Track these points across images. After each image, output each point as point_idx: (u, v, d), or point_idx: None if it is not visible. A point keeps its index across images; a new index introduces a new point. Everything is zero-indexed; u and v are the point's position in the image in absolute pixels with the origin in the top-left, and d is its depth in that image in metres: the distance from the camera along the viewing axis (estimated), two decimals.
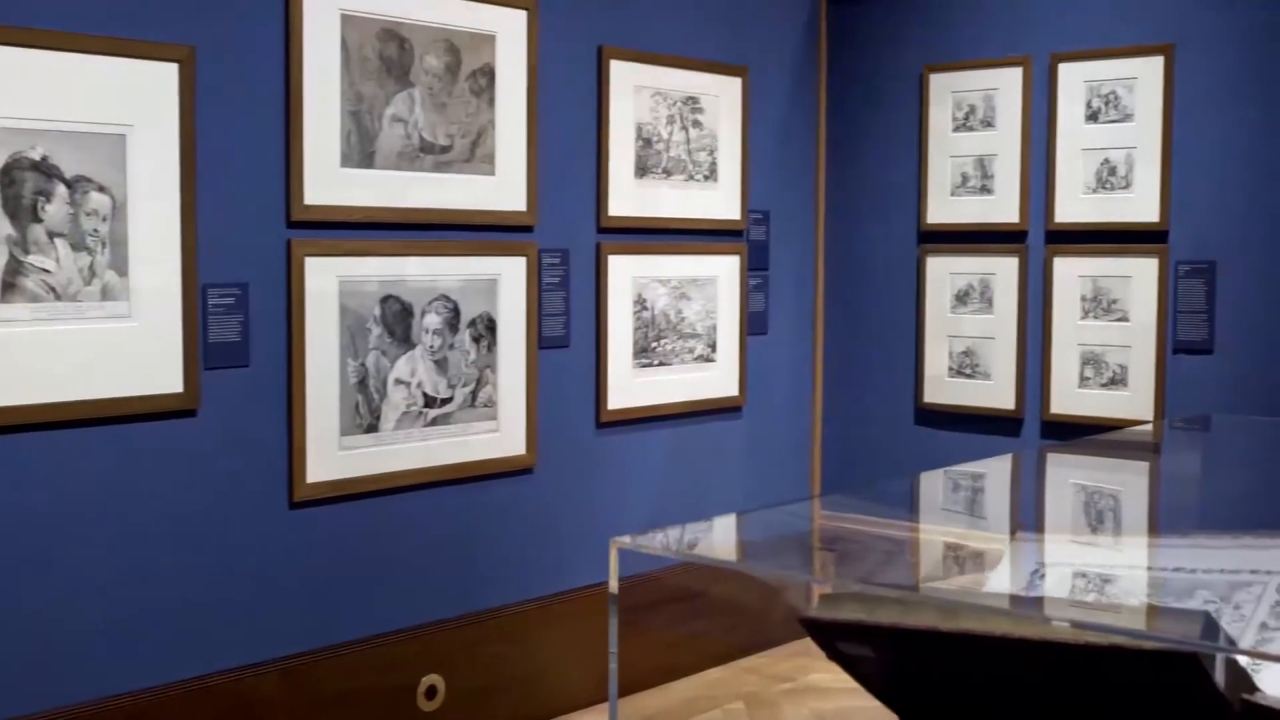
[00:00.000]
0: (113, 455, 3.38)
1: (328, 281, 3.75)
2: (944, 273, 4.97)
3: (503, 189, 4.15)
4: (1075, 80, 4.61)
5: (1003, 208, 4.80)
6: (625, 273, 4.54)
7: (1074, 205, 4.63)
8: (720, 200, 4.84)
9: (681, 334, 4.74)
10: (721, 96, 4.81)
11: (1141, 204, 4.49)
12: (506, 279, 4.18)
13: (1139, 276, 4.50)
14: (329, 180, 3.74)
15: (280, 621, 3.72)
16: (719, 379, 4.90)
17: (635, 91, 4.53)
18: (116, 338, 3.35)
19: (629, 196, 4.54)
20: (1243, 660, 1.50)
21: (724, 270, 4.87)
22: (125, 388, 3.37)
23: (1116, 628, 1.42)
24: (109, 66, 3.31)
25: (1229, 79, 4.32)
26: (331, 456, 3.78)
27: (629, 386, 4.58)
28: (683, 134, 4.69)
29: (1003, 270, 4.81)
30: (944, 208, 4.95)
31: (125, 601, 3.41)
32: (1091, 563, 2.00)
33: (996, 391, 4.84)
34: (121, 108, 3.33)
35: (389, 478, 3.92)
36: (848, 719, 4.34)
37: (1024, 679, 1.57)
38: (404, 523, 3.98)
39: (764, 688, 4.68)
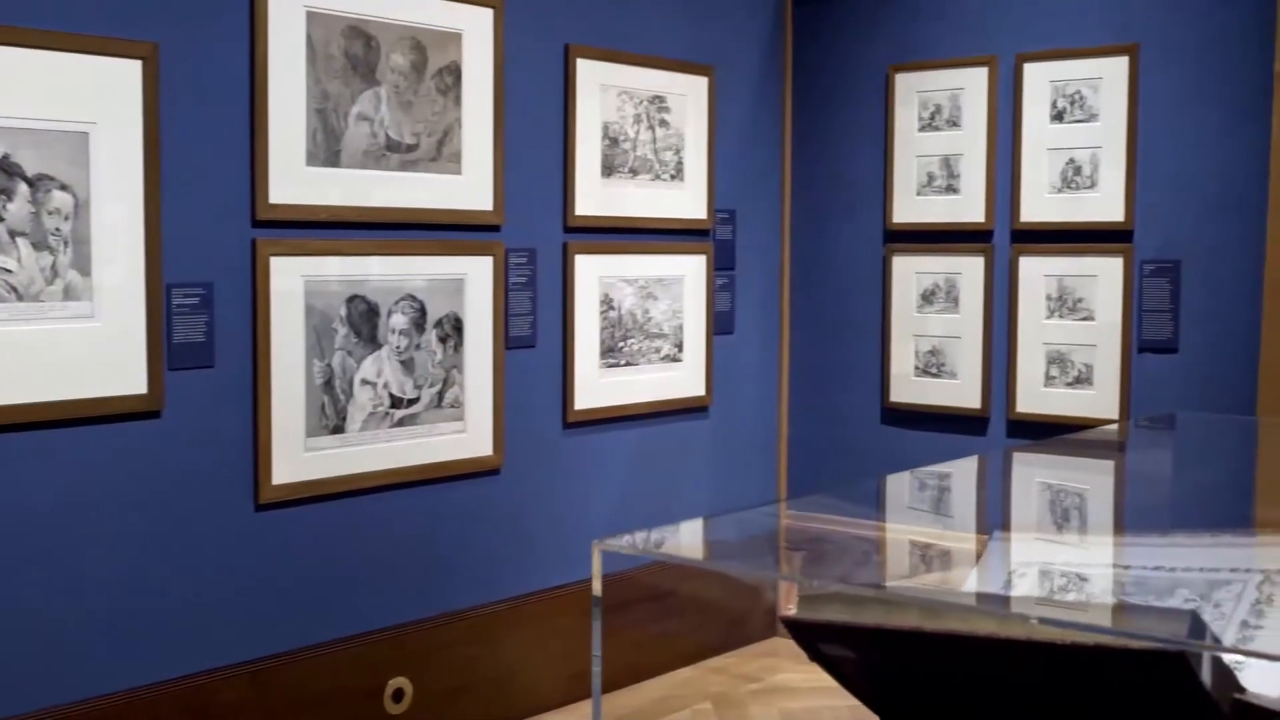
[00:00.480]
0: (76, 458, 3.33)
1: (293, 281, 3.71)
2: (910, 272, 4.98)
3: (469, 188, 4.13)
4: (1040, 80, 4.62)
5: (968, 207, 4.81)
6: (592, 272, 4.52)
7: (1039, 205, 4.64)
8: (687, 200, 4.83)
9: (648, 334, 4.72)
10: (688, 96, 4.80)
11: (1106, 203, 4.50)
12: (473, 279, 4.15)
13: (1104, 276, 4.52)
14: (294, 179, 3.70)
15: (246, 625, 3.68)
16: (686, 379, 4.88)
17: (602, 90, 4.51)
18: (79, 338, 3.31)
19: (595, 196, 4.52)
20: (1227, 658, 1.50)
21: (690, 270, 4.86)
22: (88, 389, 3.32)
23: (1103, 627, 1.42)
24: (71, 63, 3.26)
25: (1193, 79, 4.35)
26: (297, 458, 3.75)
27: (596, 387, 4.56)
28: (649, 133, 4.68)
29: (968, 269, 4.82)
30: (910, 207, 4.96)
31: (89, 605, 3.37)
32: (1070, 562, 2.00)
33: (962, 391, 4.85)
34: (84, 105, 3.29)
35: (355, 479, 3.88)
36: (817, 718, 4.34)
37: (1009, 679, 1.56)
38: (370, 524, 3.95)
39: (732, 688, 4.67)
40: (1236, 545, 1.98)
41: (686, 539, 2.20)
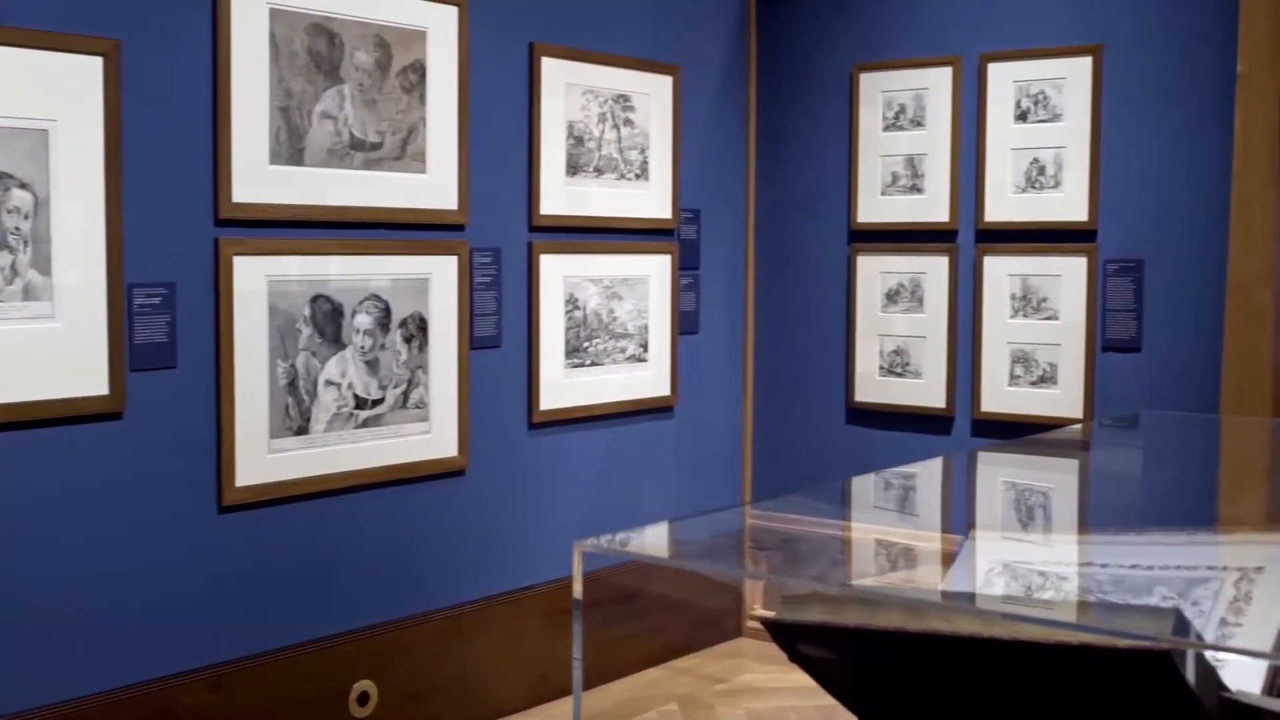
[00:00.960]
0: (36, 459, 3.28)
1: (256, 281, 3.67)
2: (874, 272, 4.98)
3: (434, 187, 4.10)
4: (1004, 80, 4.63)
5: (933, 207, 4.82)
6: (557, 272, 4.50)
7: (1004, 204, 4.66)
8: (651, 199, 4.82)
9: (613, 334, 4.71)
10: (653, 95, 4.79)
11: (1070, 203, 4.52)
12: (438, 278, 4.12)
13: (1068, 275, 4.53)
14: (257, 178, 3.66)
15: (209, 629, 3.64)
16: (651, 379, 4.87)
17: (566, 89, 4.49)
18: (39, 339, 3.26)
19: (560, 195, 4.50)
20: (1209, 656, 1.50)
21: (655, 269, 4.85)
22: (49, 390, 3.28)
23: (1089, 625, 1.41)
24: (31, 60, 3.21)
25: (1156, 79, 4.37)
26: (261, 459, 3.71)
27: (561, 387, 4.54)
28: (614, 132, 4.66)
29: (933, 269, 4.83)
30: (874, 207, 4.96)
31: (49, 609, 3.32)
32: (1047, 560, 2.00)
33: (927, 390, 4.86)
34: (44, 102, 3.24)
35: (319, 480, 3.85)
36: (784, 719, 4.33)
37: (991, 679, 1.55)
38: (335, 526, 3.92)
39: (699, 689, 4.66)
40: (1211, 543, 1.98)
41: (665, 539, 2.19)
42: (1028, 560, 2.00)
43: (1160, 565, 1.87)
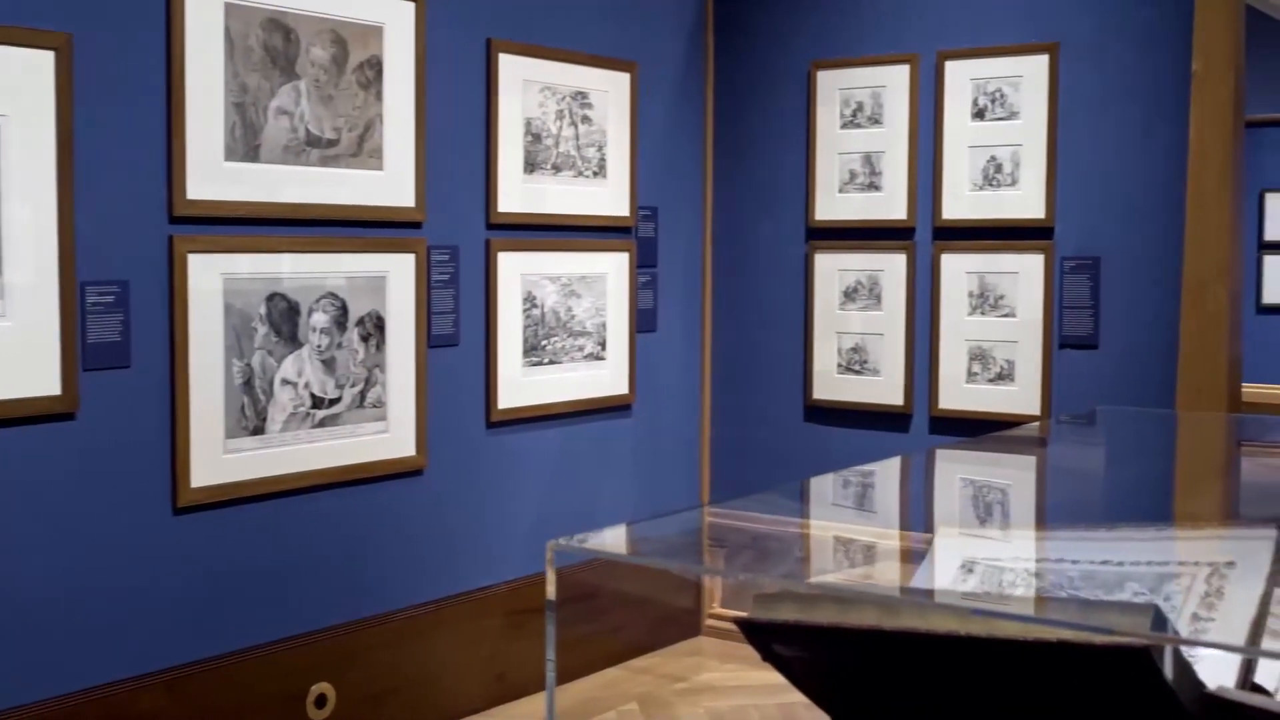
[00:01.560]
0: None
1: (211, 279, 3.63)
2: (832, 269, 4.98)
3: (391, 184, 4.06)
4: (962, 78, 4.65)
5: (890, 204, 4.83)
6: (515, 270, 4.47)
7: (961, 202, 4.67)
8: (609, 196, 4.80)
9: (571, 332, 4.68)
10: (610, 92, 4.77)
11: (1027, 201, 4.54)
12: (395, 276, 4.09)
13: (1025, 272, 4.55)
14: (212, 174, 3.62)
15: (164, 632, 3.59)
16: (609, 377, 4.85)
17: (524, 86, 4.46)
18: None
19: (518, 193, 4.47)
20: (1185, 652, 1.49)
21: (613, 267, 4.83)
22: None
23: (1066, 622, 1.40)
24: None
25: (1113, 78, 4.39)
26: (216, 460, 3.66)
27: (519, 386, 4.51)
28: (572, 129, 4.64)
29: (891, 266, 4.84)
30: (832, 204, 4.96)
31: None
32: (1017, 556, 1.99)
33: (885, 387, 4.87)
34: None
35: (276, 481, 3.80)
36: (744, 717, 4.32)
37: (967, 677, 1.54)
38: (291, 527, 3.87)
39: (658, 688, 4.64)
40: (1181, 538, 1.98)
41: (637, 539, 2.17)
42: (997, 557, 1.99)
43: (1130, 561, 1.86)
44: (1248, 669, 1.57)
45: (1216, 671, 1.51)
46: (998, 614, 1.51)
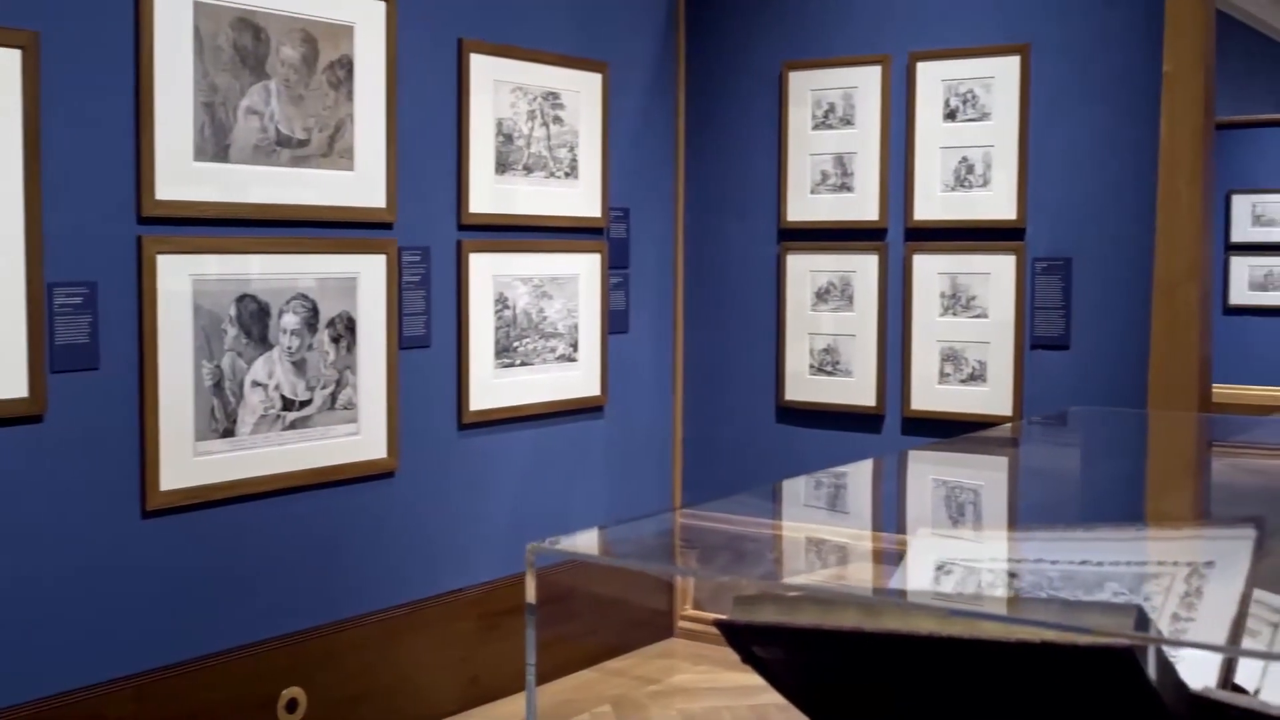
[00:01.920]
0: None
1: (181, 280, 3.59)
2: (804, 270, 4.98)
3: (362, 185, 4.04)
4: (933, 79, 4.65)
5: (862, 205, 4.83)
6: (486, 271, 4.45)
7: (933, 203, 4.67)
8: (581, 197, 4.78)
9: (543, 333, 4.66)
10: (582, 92, 4.75)
11: (999, 202, 4.54)
12: (366, 277, 4.06)
13: (997, 273, 4.56)
14: (181, 175, 3.58)
15: (133, 637, 3.55)
16: (581, 379, 4.83)
17: (495, 86, 4.44)
18: None
19: (489, 193, 4.45)
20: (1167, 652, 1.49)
21: (585, 268, 4.81)
22: None
23: (1050, 623, 1.39)
24: None
25: (1084, 79, 4.40)
26: (186, 463, 3.63)
27: (491, 387, 4.49)
28: (543, 130, 4.62)
29: (862, 267, 4.84)
30: (804, 205, 4.96)
31: None
32: (996, 557, 1.99)
33: (857, 388, 4.87)
34: None
35: (246, 484, 3.77)
36: (717, 719, 4.31)
37: (949, 679, 1.54)
38: (262, 530, 3.84)
39: (631, 690, 4.63)
40: (1160, 538, 1.98)
41: (615, 541, 2.15)
42: (976, 558, 1.98)
43: (1110, 561, 1.86)
44: (1228, 669, 1.57)
45: (1195, 672, 1.51)
46: (981, 615, 1.51)
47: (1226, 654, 1.54)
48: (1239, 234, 6.99)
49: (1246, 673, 1.58)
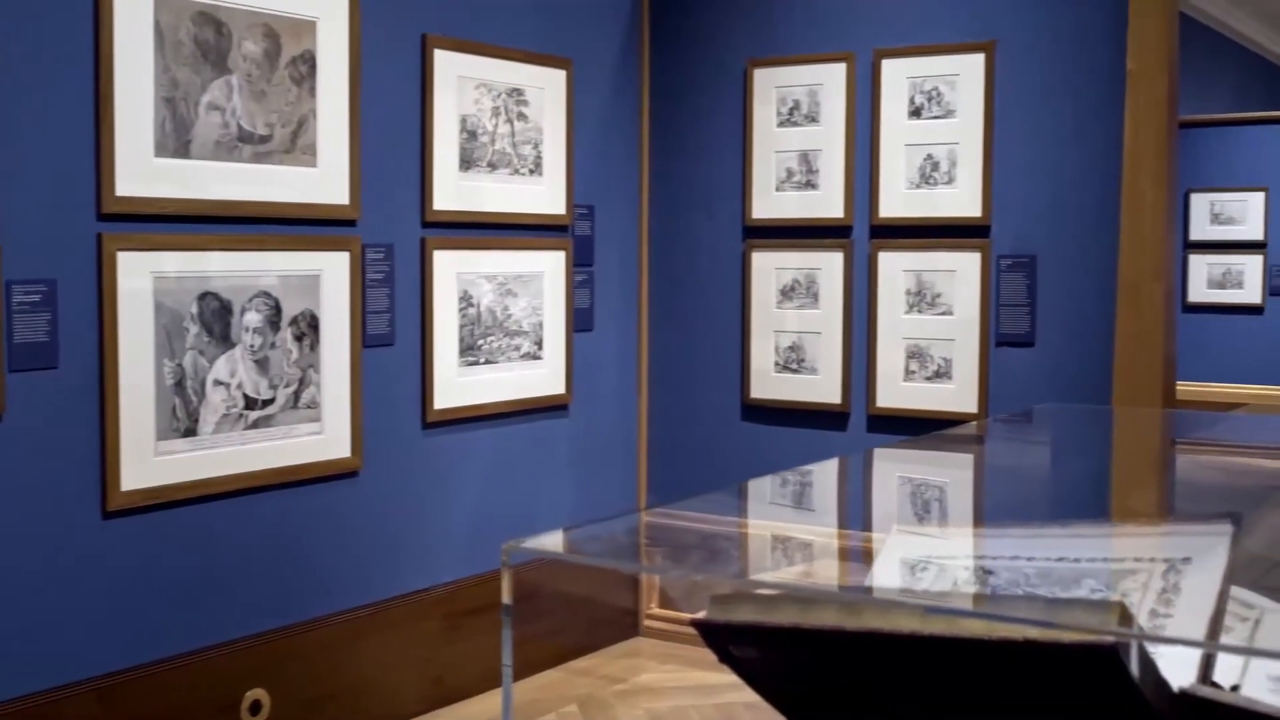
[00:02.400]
0: None
1: (141, 278, 3.55)
2: (769, 267, 4.97)
3: (325, 181, 4.00)
4: (898, 76, 4.65)
5: (827, 203, 4.82)
6: (450, 269, 4.42)
7: (898, 200, 4.67)
8: (545, 194, 4.75)
9: (508, 331, 4.63)
10: (546, 89, 4.73)
11: (964, 199, 4.55)
12: (329, 275, 4.02)
13: (962, 271, 4.56)
14: (142, 171, 3.54)
15: (93, 639, 3.50)
16: (545, 377, 4.81)
17: (460, 82, 4.41)
18: None
19: (454, 190, 4.42)
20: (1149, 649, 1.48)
21: (549, 266, 4.79)
22: None
23: (1032, 620, 1.38)
24: None
25: (1048, 77, 4.41)
26: (147, 463, 3.58)
27: (455, 386, 4.46)
28: (508, 126, 4.59)
29: (828, 265, 4.83)
30: (769, 203, 4.95)
31: None
32: (972, 555, 1.98)
33: (823, 386, 4.86)
34: None
35: (208, 484, 3.73)
36: (683, 718, 4.30)
37: (931, 677, 1.52)
38: (224, 530, 3.80)
39: (597, 689, 4.61)
40: (1136, 535, 1.97)
41: (588, 539, 2.13)
42: (951, 555, 1.97)
43: (1086, 558, 1.85)
44: (1207, 665, 1.56)
45: (1172, 668, 1.50)
46: (962, 613, 1.49)
47: (1209, 650, 1.53)
48: (1198, 232, 7.04)
49: (1224, 670, 1.58)
